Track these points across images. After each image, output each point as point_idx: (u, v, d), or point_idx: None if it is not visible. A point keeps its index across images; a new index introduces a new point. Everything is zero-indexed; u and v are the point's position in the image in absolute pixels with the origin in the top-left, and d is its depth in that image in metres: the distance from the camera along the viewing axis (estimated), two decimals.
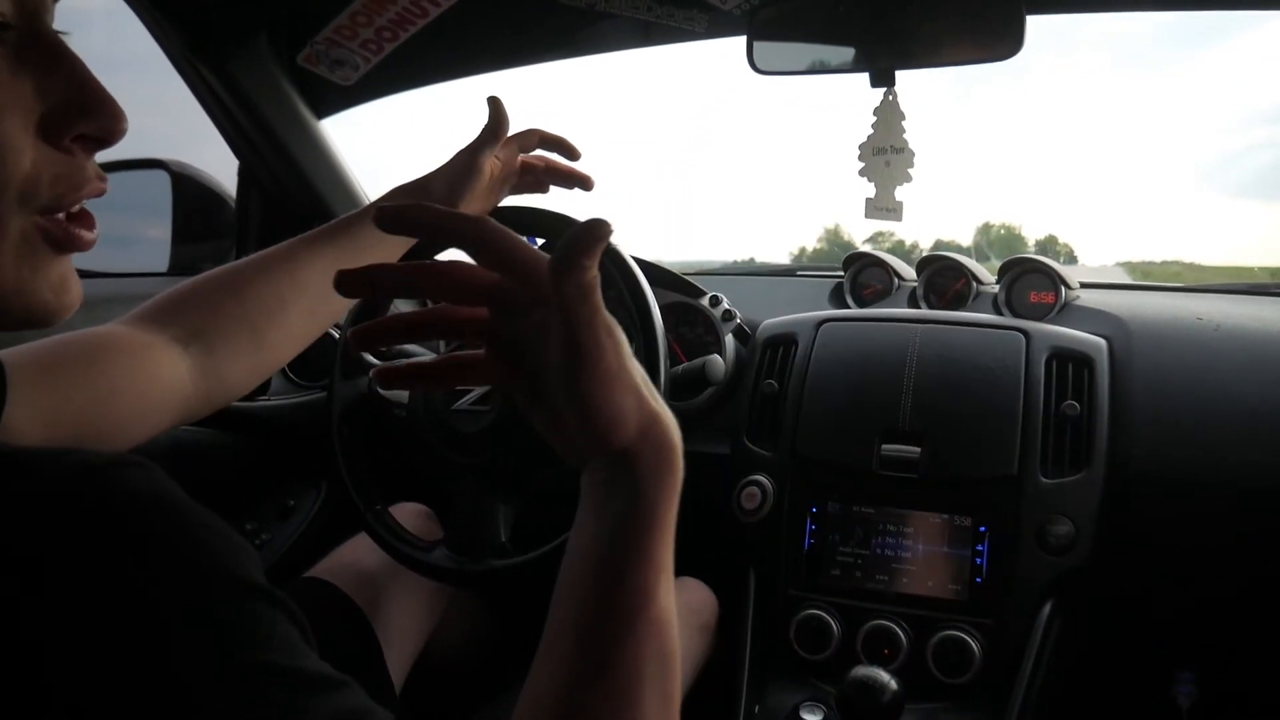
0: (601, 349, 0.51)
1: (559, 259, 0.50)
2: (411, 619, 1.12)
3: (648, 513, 0.52)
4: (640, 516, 0.52)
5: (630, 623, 0.50)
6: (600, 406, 0.52)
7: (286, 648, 0.39)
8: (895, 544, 1.11)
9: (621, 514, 0.52)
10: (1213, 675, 1.23)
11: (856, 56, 1.15)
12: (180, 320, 0.77)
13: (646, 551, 0.51)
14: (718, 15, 1.25)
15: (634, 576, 0.51)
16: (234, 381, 0.80)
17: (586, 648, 0.50)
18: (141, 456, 0.41)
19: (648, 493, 0.52)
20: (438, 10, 1.31)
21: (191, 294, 0.79)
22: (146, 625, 0.36)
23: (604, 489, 0.53)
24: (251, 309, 0.80)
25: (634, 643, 0.50)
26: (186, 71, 1.37)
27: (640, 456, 0.53)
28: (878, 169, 1.10)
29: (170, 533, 0.38)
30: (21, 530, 0.36)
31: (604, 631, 0.50)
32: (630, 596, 0.51)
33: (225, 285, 0.81)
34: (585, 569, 0.52)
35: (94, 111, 0.49)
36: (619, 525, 0.52)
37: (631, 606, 0.50)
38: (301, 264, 0.84)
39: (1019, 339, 1.18)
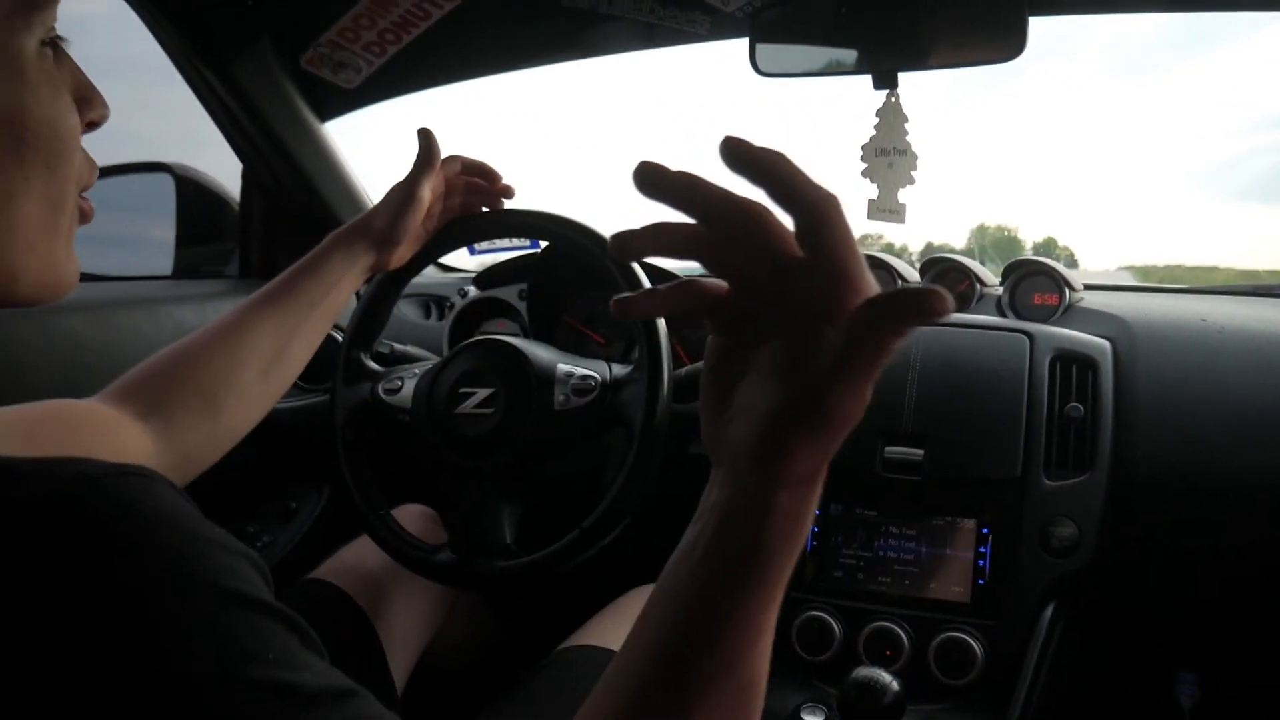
0: (846, 394, 0.42)
1: (884, 309, 0.40)
2: (414, 621, 1.12)
3: (763, 563, 0.45)
4: (752, 564, 0.45)
5: (706, 684, 0.45)
6: (790, 433, 0.44)
7: (285, 661, 0.39)
8: (898, 546, 1.11)
9: (733, 556, 0.45)
10: (1216, 676, 1.22)
11: (859, 58, 1.15)
12: (139, 396, 0.80)
13: (743, 604, 0.45)
14: (720, 17, 1.25)
15: (722, 630, 0.45)
16: (197, 451, 0.82)
17: (650, 694, 0.46)
18: (143, 466, 0.41)
19: (769, 544, 0.45)
20: (440, 13, 1.31)
21: (149, 369, 0.83)
22: (142, 637, 0.36)
23: (725, 515, 0.46)
24: (203, 377, 0.83)
25: (706, 707, 0.45)
26: (190, 74, 1.37)
27: (777, 507, 0.45)
28: (880, 170, 1.10)
29: (168, 544, 0.38)
30: (19, 539, 0.36)
31: (673, 688, 0.45)
32: (711, 654, 0.45)
33: (179, 358, 0.84)
34: (674, 601, 0.47)
35: (98, 103, 0.57)
36: (725, 566, 0.46)
37: (710, 666, 0.45)
38: (250, 328, 0.88)
39: (1023, 341, 1.18)
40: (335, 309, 0.96)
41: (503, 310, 1.45)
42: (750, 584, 0.45)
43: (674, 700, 0.45)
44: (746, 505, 0.45)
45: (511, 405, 1.05)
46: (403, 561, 1.06)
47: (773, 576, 0.45)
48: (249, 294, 1.44)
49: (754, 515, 0.45)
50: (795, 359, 0.44)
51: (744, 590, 0.45)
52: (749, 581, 0.45)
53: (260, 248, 1.58)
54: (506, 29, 1.42)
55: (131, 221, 1.58)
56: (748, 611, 0.45)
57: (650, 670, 0.46)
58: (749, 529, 0.45)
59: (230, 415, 0.84)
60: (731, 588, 0.45)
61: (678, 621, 0.46)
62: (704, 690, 0.45)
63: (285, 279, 0.92)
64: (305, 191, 1.51)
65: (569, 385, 1.04)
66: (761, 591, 0.45)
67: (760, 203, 0.44)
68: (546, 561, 1.00)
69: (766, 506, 0.45)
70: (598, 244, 1.05)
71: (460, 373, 1.08)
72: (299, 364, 0.93)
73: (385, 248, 0.97)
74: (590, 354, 1.18)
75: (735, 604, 0.45)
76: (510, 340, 1.09)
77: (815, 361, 0.43)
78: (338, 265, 0.94)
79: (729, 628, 0.45)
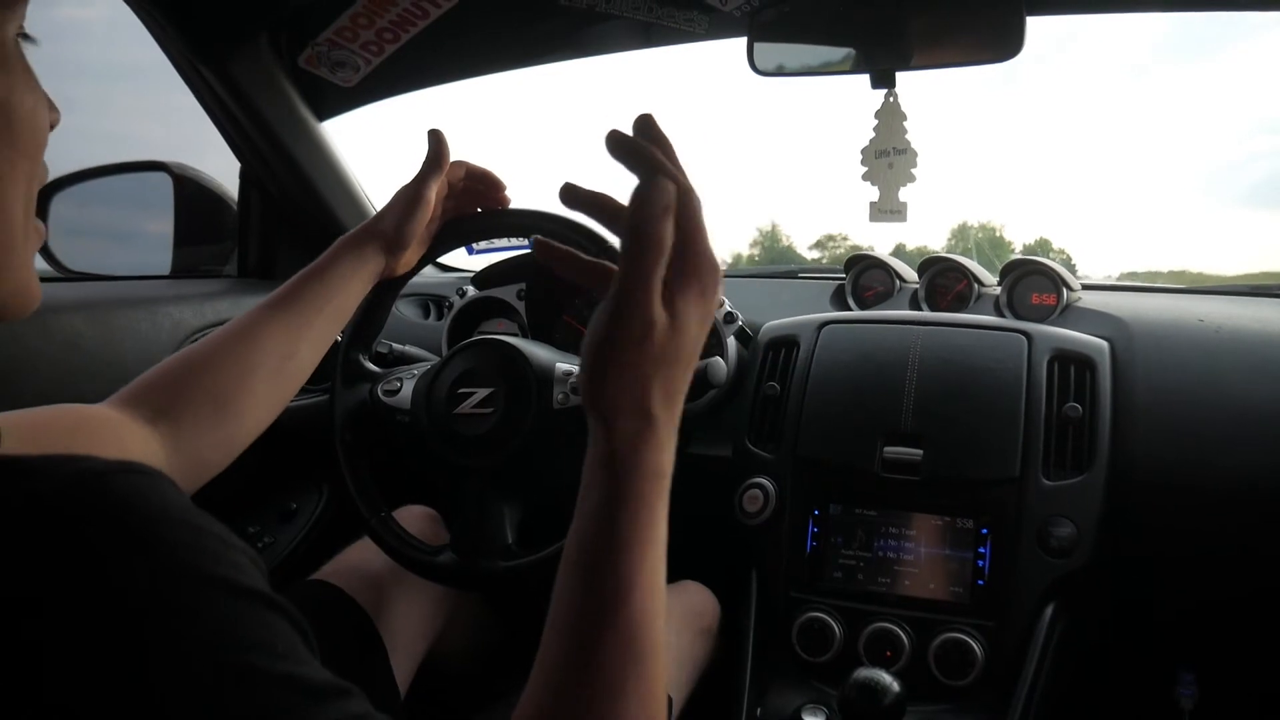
0: (624, 305, 0.53)
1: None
2: (416, 622, 1.12)
3: (626, 499, 0.53)
4: (618, 502, 0.53)
5: (606, 617, 0.51)
6: (593, 359, 0.54)
7: (291, 653, 0.40)
8: (897, 546, 1.11)
9: (602, 500, 0.53)
10: (1215, 676, 1.23)
11: (857, 58, 1.15)
12: (148, 401, 0.80)
13: (624, 540, 0.52)
14: (718, 17, 1.25)
15: (611, 566, 0.51)
16: (206, 456, 0.82)
17: (566, 645, 0.51)
18: (143, 464, 0.41)
19: (626, 480, 0.53)
20: (438, 12, 1.31)
21: (158, 375, 0.82)
22: (149, 629, 0.36)
23: (594, 470, 0.55)
24: (213, 382, 0.83)
25: (613, 638, 0.50)
26: (187, 73, 1.37)
27: (617, 456, 0.54)
28: (881, 171, 1.10)
29: (175, 538, 0.39)
30: (23, 534, 0.36)
31: (580, 627, 0.51)
32: (606, 588, 0.51)
33: (187, 363, 0.84)
34: (569, 555, 0.54)
35: (50, 103, 0.55)
36: (599, 511, 0.53)
37: (607, 599, 0.51)
38: (259, 332, 0.87)
39: (1021, 341, 1.18)
40: (344, 312, 0.95)
41: (501, 310, 1.45)
42: (611, 533, 0.52)
43: (568, 648, 0.51)
44: (594, 455, 0.55)
45: (511, 405, 1.05)
46: (403, 563, 1.06)
47: (631, 527, 0.52)
48: (247, 293, 1.45)
49: (600, 463, 0.54)
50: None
51: (607, 538, 0.52)
52: (610, 530, 0.52)
53: (258, 247, 1.58)
54: (504, 28, 1.41)
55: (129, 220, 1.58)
56: (616, 560, 0.52)
57: (550, 630, 0.52)
58: (602, 479, 0.54)
59: (240, 420, 0.84)
60: (596, 537, 0.52)
61: (578, 564, 0.53)
62: (591, 640, 0.50)
63: (294, 283, 0.91)
64: (303, 190, 1.50)
65: (568, 384, 1.05)
66: (624, 540, 0.52)
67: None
68: (547, 562, 1.00)
69: (608, 454, 0.53)
70: (595, 243, 1.05)
71: (459, 373, 1.08)
72: (308, 367, 0.92)
73: (393, 251, 0.96)
74: None
75: (604, 552, 0.52)
76: (509, 340, 1.09)
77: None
78: (346, 269, 0.94)
79: (613, 552, 0.52)
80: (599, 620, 0.51)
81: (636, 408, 0.54)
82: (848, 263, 1.56)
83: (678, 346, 0.54)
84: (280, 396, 0.89)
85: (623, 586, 0.51)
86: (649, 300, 0.53)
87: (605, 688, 0.49)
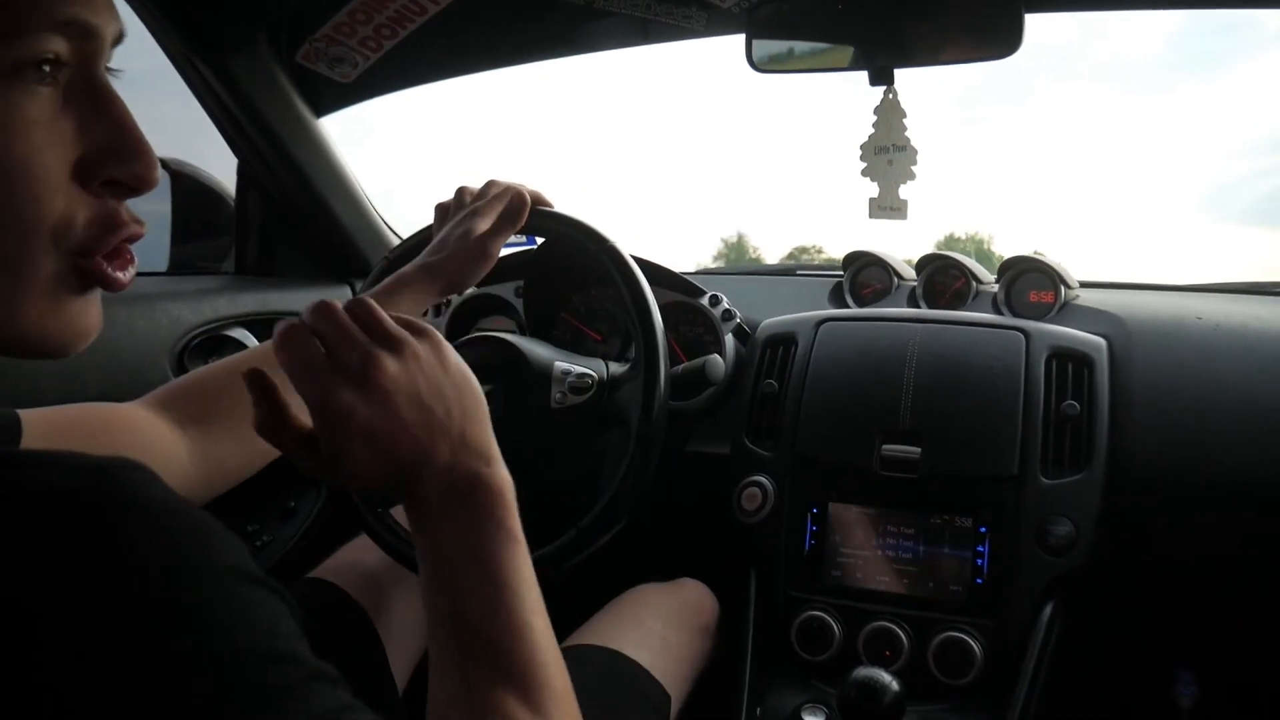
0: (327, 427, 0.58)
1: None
2: (414, 620, 1.12)
3: (435, 545, 0.61)
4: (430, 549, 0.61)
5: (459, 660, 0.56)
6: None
7: (290, 633, 0.40)
8: (896, 545, 1.11)
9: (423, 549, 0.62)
10: (1214, 675, 1.23)
11: (855, 55, 1.15)
12: (183, 405, 0.80)
13: (449, 579, 0.60)
14: (716, 13, 1.25)
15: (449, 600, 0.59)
16: (230, 468, 0.82)
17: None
18: (136, 460, 0.42)
19: (433, 529, 0.61)
20: (436, 8, 1.30)
21: (195, 382, 0.83)
22: (154, 617, 0.36)
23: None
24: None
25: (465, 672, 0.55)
26: (185, 70, 1.36)
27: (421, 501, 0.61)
28: (880, 168, 1.10)
29: (171, 528, 0.39)
30: (19, 529, 0.36)
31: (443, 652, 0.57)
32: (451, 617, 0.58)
33: (228, 375, 0.84)
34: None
35: (129, 158, 0.49)
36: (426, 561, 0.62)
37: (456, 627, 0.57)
38: None
39: (1019, 338, 1.18)
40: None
41: (499, 307, 1.45)
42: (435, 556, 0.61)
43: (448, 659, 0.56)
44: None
45: (508, 403, 1.05)
46: (400, 560, 1.06)
47: (455, 579, 0.59)
48: (244, 290, 1.44)
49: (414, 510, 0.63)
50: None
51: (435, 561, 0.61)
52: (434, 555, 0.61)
53: (256, 244, 1.57)
54: (502, 24, 1.41)
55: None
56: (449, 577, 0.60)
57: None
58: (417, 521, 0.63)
59: None
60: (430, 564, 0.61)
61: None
62: (457, 662, 0.55)
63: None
64: (301, 187, 1.50)
65: (566, 383, 1.04)
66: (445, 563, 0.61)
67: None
68: (543, 561, 1.00)
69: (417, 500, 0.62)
70: (595, 240, 1.05)
71: None
72: None
73: (448, 292, 0.98)
74: (587, 351, 1.18)
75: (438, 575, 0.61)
76: (507, 337, 1.09)
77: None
78: (407, 304, 0.93)
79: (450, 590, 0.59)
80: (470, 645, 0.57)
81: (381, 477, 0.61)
82: (846, 260, 1.56)
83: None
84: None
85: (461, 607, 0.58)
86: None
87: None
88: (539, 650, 0.56)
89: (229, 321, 1.37)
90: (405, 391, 0.58)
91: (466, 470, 0.60)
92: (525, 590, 0.59)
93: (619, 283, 1.03)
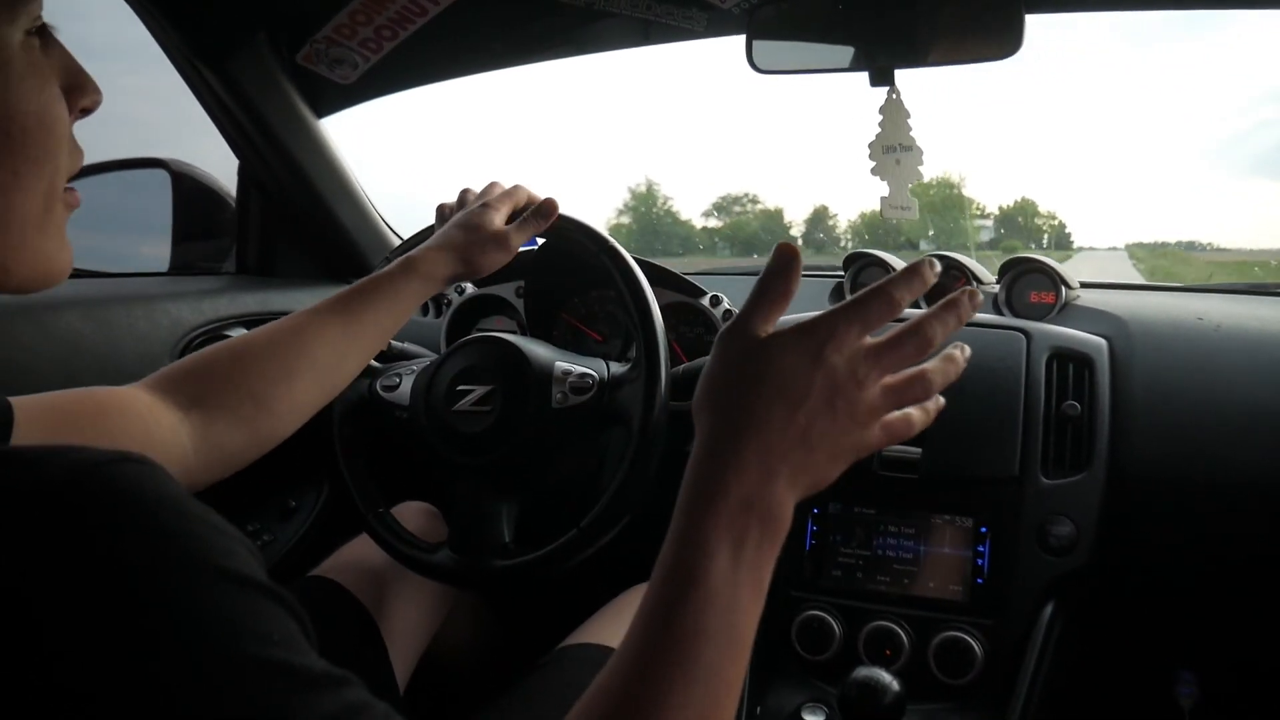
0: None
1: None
2: (416, 618, 1.12)
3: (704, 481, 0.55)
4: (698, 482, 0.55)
5: (678, 594, 0.53)
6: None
7: (288, 643, 0.40)
8: (896, 545, 1.11)
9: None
10: (1215, 675, 1.23)
11: (855, 55, 1.14)
12: (184, 388, 0.79)
13: (694, 520, 0.54)
14: (717, 14, 1.25)
15: (682, 544, 0.54)
16: (233, 452, 0.81)
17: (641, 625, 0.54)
18: (140, 453, 0.41)
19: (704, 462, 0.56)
20: (437, 9, 1.30)
21: (197, 364, 0.82)
22: (146, 618, 0.36)
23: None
24: (255, 381, 0.82)
25: (686, 613, 0.52)
26: (186, 71, 1.37)
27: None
28: (889, 167, 1.09)
29: (170, 528, 0.39)
30: (22, 523, 0.36)
31: (652, 608, 0.53)
32: (679, 567, 0.53)
33: (231, 357, 0.83)
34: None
35: (88, 87, 0.57)
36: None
37: (679, 580, 0.53)
38: (309, 336, 0.86)
39: (1019, 339, 1.18)
40: (398, 327, 0.95)
41: (500, 307, 1.45)
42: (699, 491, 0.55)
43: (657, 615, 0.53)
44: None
45: (509, 403, 1.05)
46: (401, 560, 1.06)
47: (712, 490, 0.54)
48: (245, 290, 1.44)
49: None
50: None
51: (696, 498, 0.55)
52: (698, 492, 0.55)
53: (257, 244, 1.58)
54: (503, 25, 1.41)
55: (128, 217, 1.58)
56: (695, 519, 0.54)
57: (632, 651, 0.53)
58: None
59: (275, 420, 0.83)
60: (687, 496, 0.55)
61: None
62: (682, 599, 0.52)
63: (354, 292, 0.90)
64: (301, 187, 1.50)
65: (567, 383, 1.04)
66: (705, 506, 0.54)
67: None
68: (544, 561, 1.00)
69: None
70: (595, 241, 1.05)
71: (458, 370, 1.08)
72: (350, 376, 0.92)
73: (464, 278, 0.99)
74: (588, 352, 1.18)
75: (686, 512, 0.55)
76: (508, 338, 1.09)
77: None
78: (414, 290, 0.94)
79: (683, 531, 0.54)
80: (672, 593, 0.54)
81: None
82: (846, 260, 1.56)
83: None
84: (318, 401, 0.88)
85: (690, 563, 0.53)
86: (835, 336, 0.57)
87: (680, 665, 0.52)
88: (713, 689, 0.53)
89: (229, 321, 1.37)
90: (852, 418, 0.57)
91: (785, 494, 0.56)
92: (742, 635, 0.56)
93: (619, 283, 1.03)
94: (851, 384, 0.57)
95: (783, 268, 0.59)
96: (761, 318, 0.58)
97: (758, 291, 0.59)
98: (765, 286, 0.59)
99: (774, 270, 0.59)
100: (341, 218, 1.55)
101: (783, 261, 0.59)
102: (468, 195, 1.04)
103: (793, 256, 0.59)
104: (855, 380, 0.57)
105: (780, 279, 0.59)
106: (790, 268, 0.59)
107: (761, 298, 0.59)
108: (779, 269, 0.59)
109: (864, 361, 0.57)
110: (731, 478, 0.54)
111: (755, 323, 0.58)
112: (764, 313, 0.59)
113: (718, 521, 0.54)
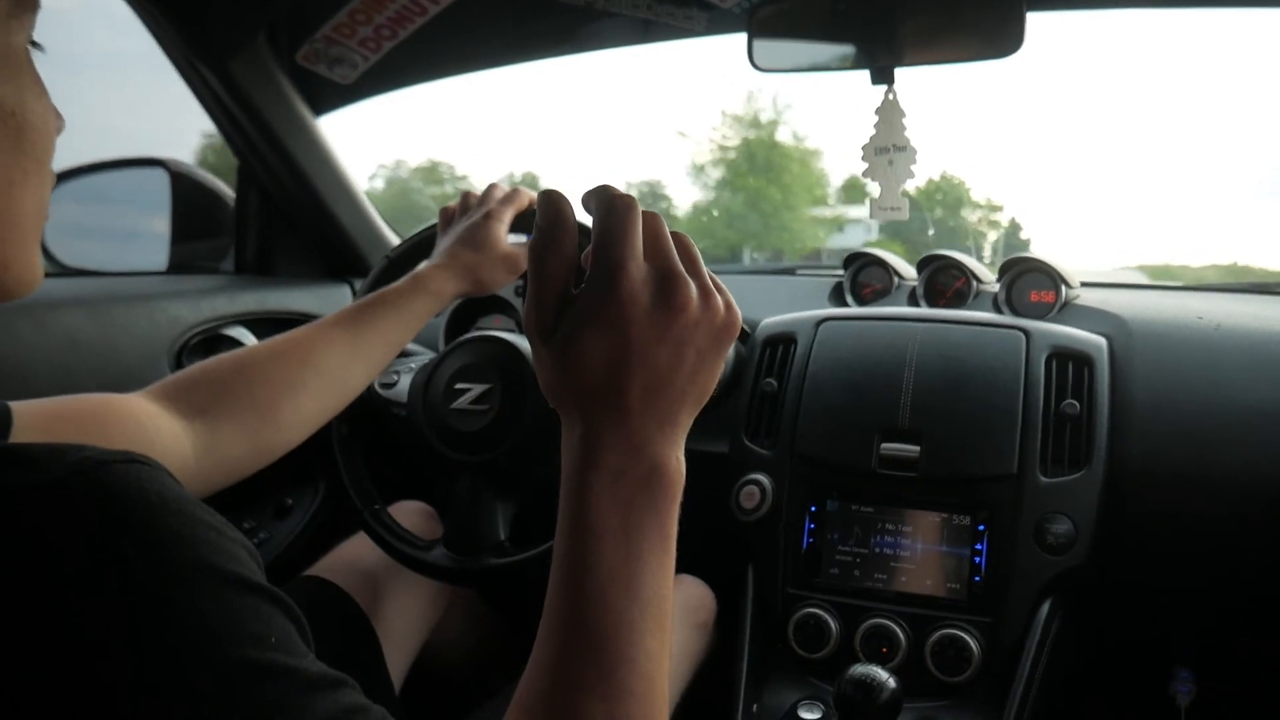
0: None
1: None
2: (411, 617, 1.12)
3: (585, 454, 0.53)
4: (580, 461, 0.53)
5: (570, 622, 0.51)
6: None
7: (285, 646, 0.40)
8: (894, 543, 1.11)
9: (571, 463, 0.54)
10: (1211, 674, 1.23)
11: (856, 54, 1.14)
12: (188, 398, 0.79)
13: (588, 504, 0.52)
14: (717, 13, 1.25)
15: (576, 534, 0.52)
16: (236, 461, 0.81)
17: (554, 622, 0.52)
18: (144, 455, 0.42)
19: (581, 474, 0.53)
20: (437, 8, 1.31)
21: (202, 374, 0.82)
22: (146, 618, 0.36)
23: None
24: (260, 392, 0.82)
25: (587, 602, 0.50)
26: (186, 71, 1.37)
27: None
28: (881, 168, 1.10)
29: (174, 528, 0.39)
30: (24, 522, 0.37)
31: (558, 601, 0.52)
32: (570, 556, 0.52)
33: (236, 368, 0.83)
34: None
35: (56, 110, 0.56)
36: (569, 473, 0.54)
37: (574, 570, 0.51)
38: (316, 348, 0.86)
39: (1019, 338, 1.18)
40: (406, 341, 0.96)
41: (499, 306, 1.45)
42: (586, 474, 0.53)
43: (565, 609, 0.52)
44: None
45: (507, 401, 1.05)
46: (396, 557, 1.06)
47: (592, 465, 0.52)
48: (244, 289, 1.45)
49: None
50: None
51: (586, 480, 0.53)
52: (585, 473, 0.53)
53: (255, 243, 1.58)
54: (503, 24, 1.41)
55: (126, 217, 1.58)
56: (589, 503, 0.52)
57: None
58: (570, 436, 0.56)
59: (279, 431, 0.83)
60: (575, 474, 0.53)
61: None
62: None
63: (364, 306, 0.91)
64: (300, 187, 1.50)
65: None
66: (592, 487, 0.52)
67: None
68: (540, 559, 1.00)
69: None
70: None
71: (456, 368, 1.08)
72: (357, 390, 0.92)
73: (474, 293, 0.99)
74: None
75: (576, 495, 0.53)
76: (506, 336, 1.09)
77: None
78: (424, 306, 0.94)
79: (578, 520, 0.52)
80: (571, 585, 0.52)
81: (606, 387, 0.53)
82: (846, 259, 1.56)
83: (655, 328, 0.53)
84: (322, 414, 0.88)
85: (591, 597, 0.50)
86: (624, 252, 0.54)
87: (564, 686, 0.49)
88: (640, 665, 0.49)
89: (228, 320, 1.38)
90: (685, 339, 0.54)
91: (659, 449, 0.54)
92: (654, 605, 0.51)
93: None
94: (663, 316, 0.54)
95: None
96: (536, 315, 0.56)
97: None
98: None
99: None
100: (340, 217, 1.56)
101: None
102: (469, 199, 1.04)
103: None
104: (665, 309, 0.54)
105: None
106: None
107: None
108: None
109: (661, 284, 0.55)
110: (600, 456, 0.53)
111: (532, 321, 0.56)
112: (536, 310, 0.56)
113: (598, 500, 0.51)
